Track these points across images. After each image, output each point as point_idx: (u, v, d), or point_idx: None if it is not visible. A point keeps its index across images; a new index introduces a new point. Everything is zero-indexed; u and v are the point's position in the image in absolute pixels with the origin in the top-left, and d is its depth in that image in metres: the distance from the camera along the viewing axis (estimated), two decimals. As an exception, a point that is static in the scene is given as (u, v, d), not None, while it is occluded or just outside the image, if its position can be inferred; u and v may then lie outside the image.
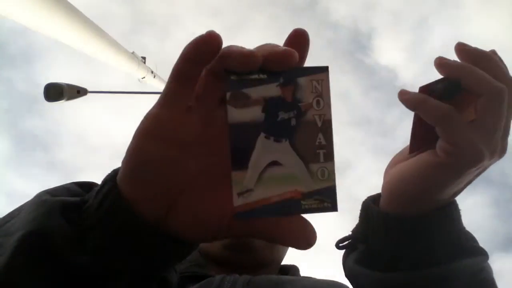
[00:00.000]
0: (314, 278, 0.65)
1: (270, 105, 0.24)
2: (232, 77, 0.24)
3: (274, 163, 0.25)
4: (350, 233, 0.42)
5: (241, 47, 0.24)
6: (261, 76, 0.24)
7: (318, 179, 0.25)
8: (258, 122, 0.24)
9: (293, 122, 0.25)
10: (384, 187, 0.38)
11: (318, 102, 0.25)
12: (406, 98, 0.34)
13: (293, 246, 0.26)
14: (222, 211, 0.26)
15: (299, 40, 0.25)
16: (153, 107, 0.26)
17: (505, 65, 0.35)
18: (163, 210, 0.26)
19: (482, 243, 0.38)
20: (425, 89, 0.34)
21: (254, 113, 0.24)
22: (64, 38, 1.67)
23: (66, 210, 0.27)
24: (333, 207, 0.25)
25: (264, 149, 0.25)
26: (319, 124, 0.25)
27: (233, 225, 0.27)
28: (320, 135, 0.25)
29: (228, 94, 0.24)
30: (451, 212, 0.36)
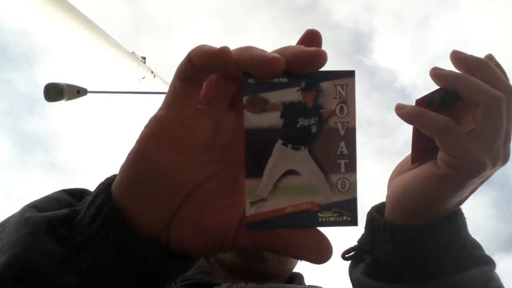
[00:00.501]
0: (319, 287, 0.64)
1: (290, 111, 0.23)
2: (250, 80, 0.22)
3: (291, 172, 0.23)
4: (356, 243, 0.41)
5: (263, 51, 0.22)
6: (281, 79, 0.23)
7: (337, 190, 0.24)
8: (276, 128, 0.23)
9: (314, 129, 0.23)
10: (388, 197, 0.38)
11: (341, 109, 0.23)
12: (402, 112, 0.33)
13: (307, 260, 0.25)
14: (230, 222, 0.25)
15: (315, 41, 0.24)
16: (159, 109, 0.24)
17: (502, 69, 0.35)
18: (164, 222, 0.25)
19: (483, 244, 0.38)
20: (421, 101, 0.34)
21: (272, 119, 0.23)
22: (64, 38, 1.66)
23: (53, 226, 0.24)
24: (353, 221, 0.24)
25: (281, 157, 0.23)
26: (342, 132, 0.23)
27: (241, 237, 0.25)
28: (343, 144, 0.23)
29: (245, 98, 0.22)
30: (457, 221, 0.36)
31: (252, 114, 0.23)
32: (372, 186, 0.39)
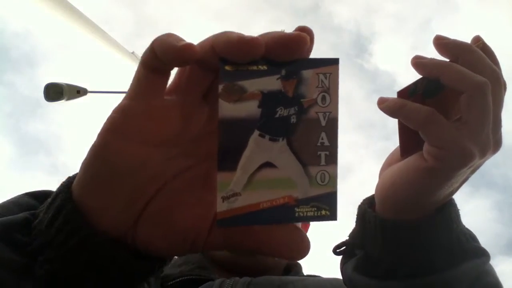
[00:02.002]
0: (317, 277, 0.64)
1: (268, 100, 0.21)
2: (227, 67, 0.21)
3: (268, 165, 0.22)
4: (347, 238, 0.41)
5: (239, 33, 0.21)
6: (261, 67, 0.21)
7: (316, 183, 0.22)
8: (253, 118, 0.21)
9: (293, 119, 0.22)
10: (377, 191, 0.37)
11: (323, 98, 0.22)
12: (384, 106, 0.32)
13: (283, 258, 0.24)
14: (201, 221, 0.24)
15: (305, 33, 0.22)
16: (123, 98, 0.22)
17: (490, 51, 0.34)
18: (130, 221, 0.23)
19: (485, 247, 0.38)
20: (403, 92, 0.33)
21: (249, 109, 0.21)
22: (65, 39, 1.66)
23: (8, 232, 0.23)
24: (331, 216, 0.23)
25: (258, 149, 0.22)
26: (323, 122, 0.22)
27: (214, 236, 0.23)
28: (323, 135, 0.22)
29: (220, 86, 0.21)
30: (449, 214, 0.35)
31: (228, 103, 0.21)
32: (373, 188, 0.38)
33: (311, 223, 0.80)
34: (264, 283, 0.53)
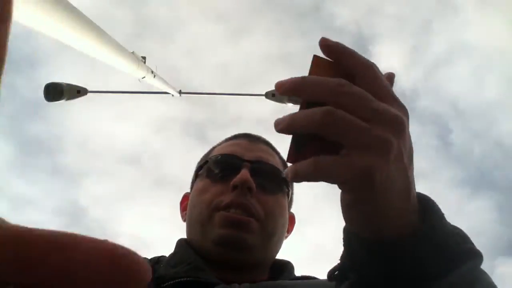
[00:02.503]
0: (314, 280, 0.64)
1: None
2: None
3: None
4: (339, 261, 0.40)
5: None
6: None
7: None
8: None
9: None
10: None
11: None
12: (280, 129, 0.34)
13: None
14: None
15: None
16: None
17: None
18: None
19: (486, 248, 0.37)
20: (291, 153, 0.35)
21: None
22: (64, 37, 1.66)
23: None
24: None
25: None
26: None
27: None
28: None
29: None
30: (431, 223, 0.35)
31: None
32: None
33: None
34: None
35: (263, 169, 0.69)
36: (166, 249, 0.69)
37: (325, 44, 0.34)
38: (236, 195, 0.64)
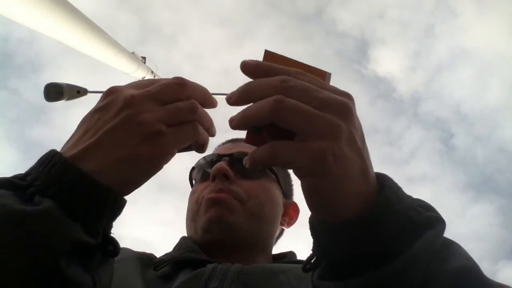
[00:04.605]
0: None
1: None
2: None
3: None
4: (311, 252, 0.40)
5: None
6: None
7: None
8: None
9: None
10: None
11: None
12: (234, 124, 0.36)
13: None
14: None
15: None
16: None
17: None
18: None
19: (488, 252, 0.37)
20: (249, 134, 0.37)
21: None
22: (65, 38, 1.66)
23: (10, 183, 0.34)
24: None
25: None
26: None
27: None
28: None
29: None
30: (387, 197, 0.34)
31: None
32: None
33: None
34: (255, 271, 0.54)
35: (241, 159, 0.70)
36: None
37: (244, 65, 0.37)
38: (215, 184, 0.66)
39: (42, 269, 0.31)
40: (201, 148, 0.41)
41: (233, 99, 0.36)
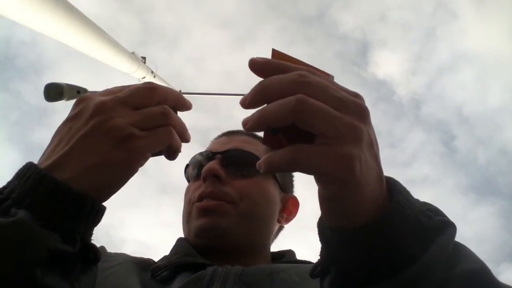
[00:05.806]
0: (311, 263, 0.63)
1: None
2: None
3: None
4: (319, 257, 0.38)
5: None
6: None
7: None
8: None
9: None
10: (320, 207, 0.36)
11: None
12: (249, 127, 0.33)
13: None
14: None
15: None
16: None
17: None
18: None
19: (490, 254, 0.36)
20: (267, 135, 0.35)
21: None
22: (65, 39, 1.66)
23: None
24: None
25: None
26: None
27: None
28: None
29: None
30: (397, 203, 0.33)
31: None
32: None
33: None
34: (256, 271, 0.54)
35: (234, 156, 0.69)
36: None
37: (252, 63, 0.34)
38: (206, 186, 0.65)
39: (16, 278, 0.31)
40: (172, 154, 0.40)
41: (248, 101, 0.33)
